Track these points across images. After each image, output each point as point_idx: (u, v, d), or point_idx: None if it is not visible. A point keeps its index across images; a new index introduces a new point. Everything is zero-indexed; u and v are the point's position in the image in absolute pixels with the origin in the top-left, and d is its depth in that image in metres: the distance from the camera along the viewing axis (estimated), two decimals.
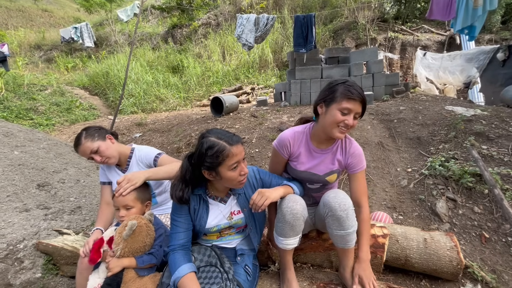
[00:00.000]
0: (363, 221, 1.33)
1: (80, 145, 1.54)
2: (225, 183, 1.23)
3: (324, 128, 1.29)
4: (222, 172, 1.17)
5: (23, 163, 2.61)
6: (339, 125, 1.22)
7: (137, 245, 1.26)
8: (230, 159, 1.15)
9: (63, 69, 12.30)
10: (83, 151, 1.55)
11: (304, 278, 1.46)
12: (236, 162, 1.17)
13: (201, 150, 1.16)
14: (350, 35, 9.56)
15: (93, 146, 1.54)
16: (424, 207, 2.25)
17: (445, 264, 1.49)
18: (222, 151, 1.13)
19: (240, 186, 1.26)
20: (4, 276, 1.72)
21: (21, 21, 19.04)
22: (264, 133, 3.75)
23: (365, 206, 1.37)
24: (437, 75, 6.35)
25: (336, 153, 1.39)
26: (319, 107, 1.29)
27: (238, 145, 1.18)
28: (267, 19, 5.80)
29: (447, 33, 9.04)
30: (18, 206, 2.18)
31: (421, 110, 3.73)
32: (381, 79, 5.22)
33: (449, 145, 2.76)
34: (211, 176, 1.21)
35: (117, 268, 1.21)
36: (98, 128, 1.63)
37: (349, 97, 1.19)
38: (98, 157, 1.55)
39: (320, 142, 1.37)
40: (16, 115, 7.24)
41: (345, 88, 1.21)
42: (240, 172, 1.19)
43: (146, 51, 11.62)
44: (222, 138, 1.16)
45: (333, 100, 1.22)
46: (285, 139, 1.37)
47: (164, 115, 7.09)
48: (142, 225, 1.27)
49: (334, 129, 1.24)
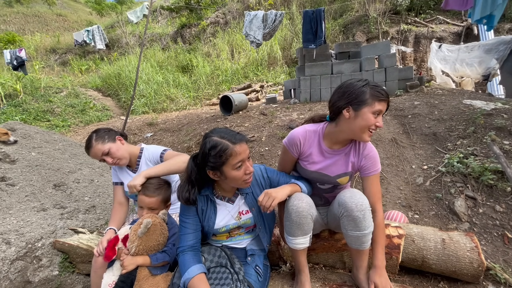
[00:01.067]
0: (377, 227, 1.28)
1: (92, 148, 1.56)
2: (230, 183, 1.21)
3: (353, 132, 1.23)
4: (226, 171, 1.15)
5: (40, 163, 2.69)
6: (371, 128, 1.19)
7: (151, 243, 1.28)
8: (233, 158, 1.13)
9: (77, 72, 12.68)
10: (94, 154, 1.56)
11: (317, 279, 1.43)
12: (240, 161, 1.14)
13: (205, 150, 1.15)
14: (360, 29, 9.34)
15: (104, 148, 1.55)
16: (441, 205, 2.17)
17: (465, 266, 1.42)
18: (225, 150, 1.12)
19: (246, 185, 1.24)
20: (24, 273, 1.78)
21: (37, 26, 19.72)
22: (273, 131, 3.72)
23: (380, 211, 1.31)
24: (454, 67, 6.09)
25: (350, 155, 1.33)
26: (345, 111, 1.20)
27: (242, 144, 1.15)
28: (275, 16, 5.73)
29: (463, 23, 8.67)
30: (36, 205, 2.25)
31: (437, 104, 3.59)
32: (394, 74, 5.06)
33: (467, 140, 2.64)
34: (216, 176, 1.20)
35: (131, 266, 1.23)
36: (108, 130, 1.65)
37: (380, 98, 1.16)
38: (109, 159, 1.57)
39: (333, 143, 1.32)
40: (34, 117, 7.52)
41: (373, 90, 1.17)
42: (245, 171, 1.17)
43: (156, 51, 11.78)
44: (225, 137, 1.15)
45: (363, 103, 1.17)
46: (296, 137, 1.33)
47: (175, 114, 7.17)
48: (156, 224, 1.29)
49: (365, 133, 1.21)
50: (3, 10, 21.11)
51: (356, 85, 1.20)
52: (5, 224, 1.97)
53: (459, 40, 8.35)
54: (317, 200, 1.47)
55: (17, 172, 2.47)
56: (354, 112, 1.19)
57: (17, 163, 2.57)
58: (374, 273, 1.27)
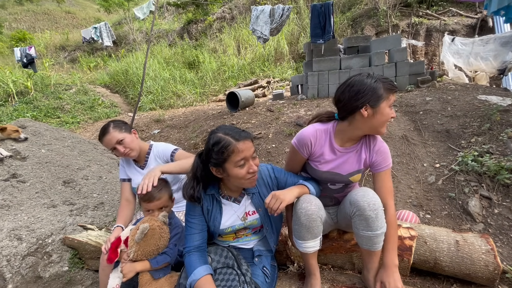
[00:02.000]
0: (389, 224, 1.23)
1: (108, 134, 1.58)
2: (233, 181, 1.19)
3: (370, 128, 1.22)
4: (228, 169, 1.13)
5: (50, 160, 2.73)
6: (388, 120, 1.20)
7: (149, 248, 1.25)
8: (236, 155, 1.11)
9: (86, 69, 12.83)
10: (109, 140, 1.58)
11: (325, 280, 1.41)
12: (243, 158, 1.12)
13: (208, 146, 1.15)
14: (370, 23, 9.11)
15: (119, 137, 1.58)
16: (454, 205, 2.10)
17: (480, 269, 1.37)
18: (227, 146, 1.10)
19: (250, 185, 1.21)
20: (35, 269, 1.81)
21: (47, 24, 20.02)
22: (280, 127, 3.68)
23: (391, 207, 1.27)
24: (468, 61, 5.89)
25: (361, 151, 1.30)
26: (363, 110, 1.17)
27: (246, 141, 1.13)
28: (283, 10, 5.63)
29: (478, 15, 8.35)
30: (46, 202, 2.29)
31: (450, 100, 3.47)
32: (405, 68, 4.92)
33: (482, 138, 2.54)
34: (219, 173, 1.18)
35: (130, 273, 1.22)
36: (124, 122, 1.70)
37: (394, 90, 1.18)
38: (122, 148, 1.59)
39: (345, 141, 1.29)
40: (45, 114, 7.66)
41: (385, 83, 1.17)
42: (248, 169, 1.14)
43: (163, 48, 11.80)
44: (229, 133, 1.13)
45: (380, 98, 1.15)
46: (306, 138, 1.29)
47: (181, 111, 7.19)
48: (155, 228, 1.26)
49: (384, 126, 1.21)
50: (14, 8, 21.49)
51: (367, 82, 1.17)
52: (16, 220, 2.01)
53: (473, 33, 8.05)
54: (327, 201, 1.43)
55: (28, 169, 2.51)
56: (372, 110, 1.17)
57: (28, 160, 2.62)
58: (383, 272, 1.23)
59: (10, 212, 2.08)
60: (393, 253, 1.24)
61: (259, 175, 1.32)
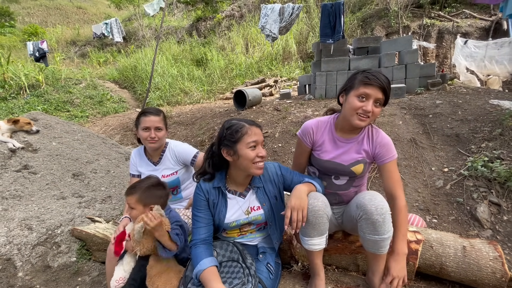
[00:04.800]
0: (400, 212, 1.23)
1: (157, 116, 1.68)
2: (242, 163, 1.22)
3: (345, 117, 1.29)
4: (240, 149, 1.19)
5: (60, 153, 2.78)
6: (358, 112, 1.22)
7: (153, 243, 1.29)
8: (248, 136, 1.19)
9: (95, 64, 13.00)
10: (153, 120, 1.66)
11: (329, 281, 1.41)
12: (255, 141, 1.20)
13: (222, 130, 1.25)
14: (380, 23, 8.99)
15: (161, 125, 1.69)
16: (462, 211, 2.07)
17: (487, 276, 1.36)
18: (241, 127, 1.21)
19: (257, 171, 1.23)
20: (44, 258, 1.86)
21: (59, 19, 20.32)
22: (287, 127, 3.67)
23: (401, 197, 1.26)
24: (481, 65, 5.77)
25: (363, 143, 1.34)
26: (341, 97, 1.32)
27: (258, 128, 1.24)
28: (293, 9, 5.61)
29: (492, 18, 8.16)
30: (55, 194, 2.34)
31: (461, 104, 3.41)
32: (415, 70, 4.85)
33: (493, 143, 2.50)
34: (230, 155, 1.23)
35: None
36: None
37: (366, 82, 1.20)
38: (153, 134, 1.65)
39: (344, 131, 1.35)
40: (55, 107, 7.80)
41: (363, 75, 1.22)
42: (257, 153, 1.20)
43: (172, 44, 11.86)
44: (242, 120, 1.26)
45: (352, 87, 1.25)
46: (308, 127, 1.39)
47: (188, 108, 7.23)
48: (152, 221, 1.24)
49: (353, 116, 1.23)
50: (28, 2, 21.86)
51: (355, 73, 1.28)
52: (27, 211, 2.07)
53: (486, 36, 7.88)
54: (331, 199, 1.43)
55: (39, 161, 2.57)
56: (345, 97, 1.29)
57: (39, 152, 2.67)
58: (391, 258, 1.23)
59: (21, 202, 2.13)
60: (404, 241, 1.24)
61: (266, 171, 1.34)
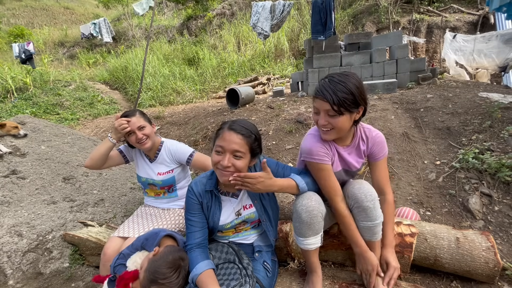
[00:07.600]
0: (389, 205, 1.33)
1: (134, 117, 1.68)
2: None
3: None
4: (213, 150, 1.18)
5: (49, 157, 2.72)
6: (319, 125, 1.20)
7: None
8: (219, 139, 1.14)
9: (85, 65, 12.76)
10: (134, 122, 1.66)
11: (326, 277, 1.41)
12: (220, 146, 1.12)
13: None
14: (370, 19, 9.05)
15: (143, 123, 1.69)
16: (454, 202, 2.10)
17: (480, 266, 1.37)
18: (221, 128, 1.17)
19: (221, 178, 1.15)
20: (35, 265, 1.81)
21: (45, 20, 19.84)
22: (281, 124, 3.67)
23: (390, 193, 1.36)
24: (470, 58, 5.87)
25: (360, 145, 1.35)
26: None
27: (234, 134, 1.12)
28: (283, 6, 5.59)
29: (479, 12, 8.30)
30: (46, 198, 2.28)
31: (451, 97, 3.46)
32: (406, 65, 4.91)
33: (483, 135, 2.54)
34: None
35: None
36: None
37: (315, 95, 1.18)
38: (140, 134, 1.66)
39: (339, 140, 1.32)
40: (44, 110, 7.62)
41: (317, 86, 1.19)
42: (218, 160, 1.11)
43: (162, 44, 11.72)
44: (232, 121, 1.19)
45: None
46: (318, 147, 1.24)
47: (181, 107, 7.16)
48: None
49: (317, 125, 1.24)
50: (12, 3, 21.27)
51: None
52: (16, 217, 2.01)
53: (474, 30, 8.02)
54: None
55: (28, 166, 2.50)
56: None
57: (27, 156, 2.61)
58: (386, 252, 1.30)
59: (10, 209, 2.07)
60: (392, 234, 1.34)
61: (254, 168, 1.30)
